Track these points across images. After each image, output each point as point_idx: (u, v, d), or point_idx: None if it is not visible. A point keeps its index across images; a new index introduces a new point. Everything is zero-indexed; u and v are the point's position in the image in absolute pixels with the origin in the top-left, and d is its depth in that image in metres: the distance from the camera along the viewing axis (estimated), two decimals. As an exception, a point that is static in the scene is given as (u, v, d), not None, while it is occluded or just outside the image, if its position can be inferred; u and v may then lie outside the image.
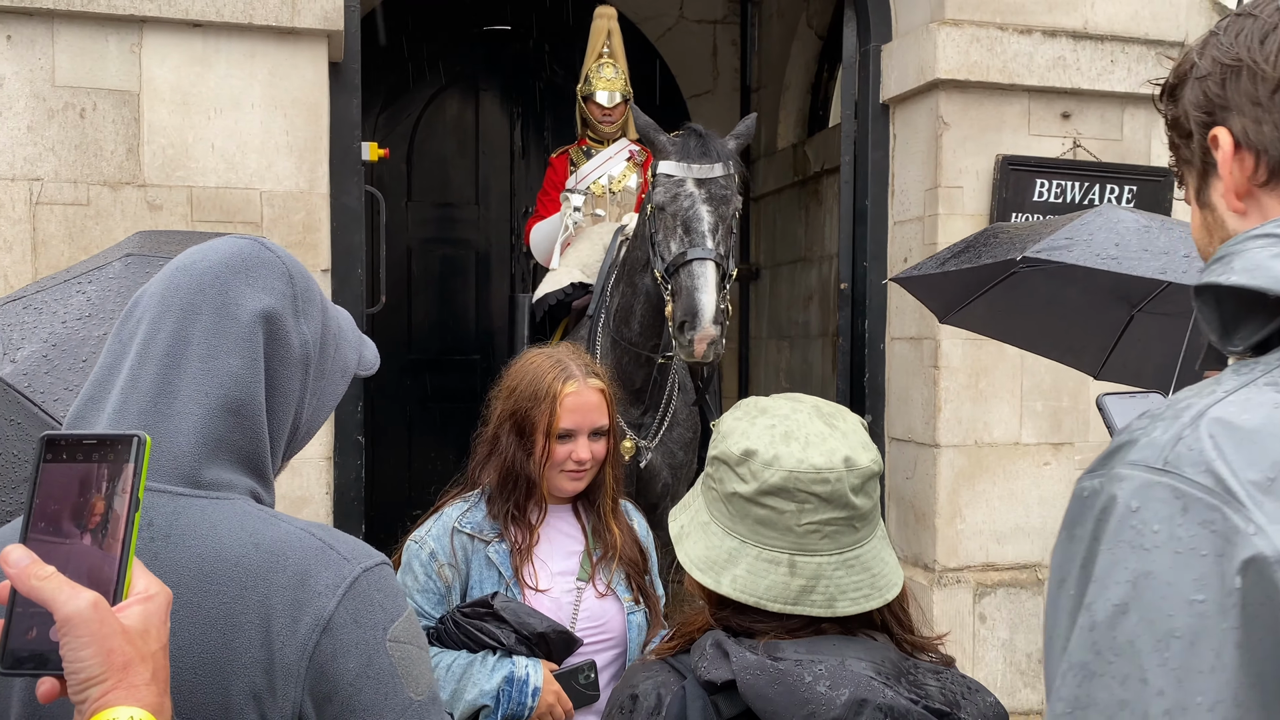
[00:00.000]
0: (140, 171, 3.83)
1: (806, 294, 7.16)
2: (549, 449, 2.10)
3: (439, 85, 7.62)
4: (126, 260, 1.94)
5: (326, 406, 1.22)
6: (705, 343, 3.27)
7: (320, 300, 1.21)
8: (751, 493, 1.23)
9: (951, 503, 4.56)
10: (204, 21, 3.81)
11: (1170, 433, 0.78)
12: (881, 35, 4.91)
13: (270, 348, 1.11)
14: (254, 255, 1.15)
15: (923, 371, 4.64)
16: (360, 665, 1.04)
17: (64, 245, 3.74)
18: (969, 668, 4.50)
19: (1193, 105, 0.97)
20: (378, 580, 1.08)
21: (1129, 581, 0.74)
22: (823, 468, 1.22)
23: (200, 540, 1.03)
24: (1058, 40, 4.59)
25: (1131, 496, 0.76)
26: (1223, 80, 0.94)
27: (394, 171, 7.42)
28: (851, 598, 1.22)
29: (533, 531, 2.14)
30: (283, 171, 3.94)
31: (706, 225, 3.43)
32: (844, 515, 1.23)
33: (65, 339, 1.73)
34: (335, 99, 4.14)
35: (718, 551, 1.26)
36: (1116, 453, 0.81)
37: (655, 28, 7.90)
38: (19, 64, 3.73)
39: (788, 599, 1.21)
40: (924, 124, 4.65)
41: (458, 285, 7.71)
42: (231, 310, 1.10)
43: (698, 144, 3.55)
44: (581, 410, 2.12)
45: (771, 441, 1.24)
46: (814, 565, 1.22)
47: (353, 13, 4.12)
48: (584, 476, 2.16)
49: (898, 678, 1.19)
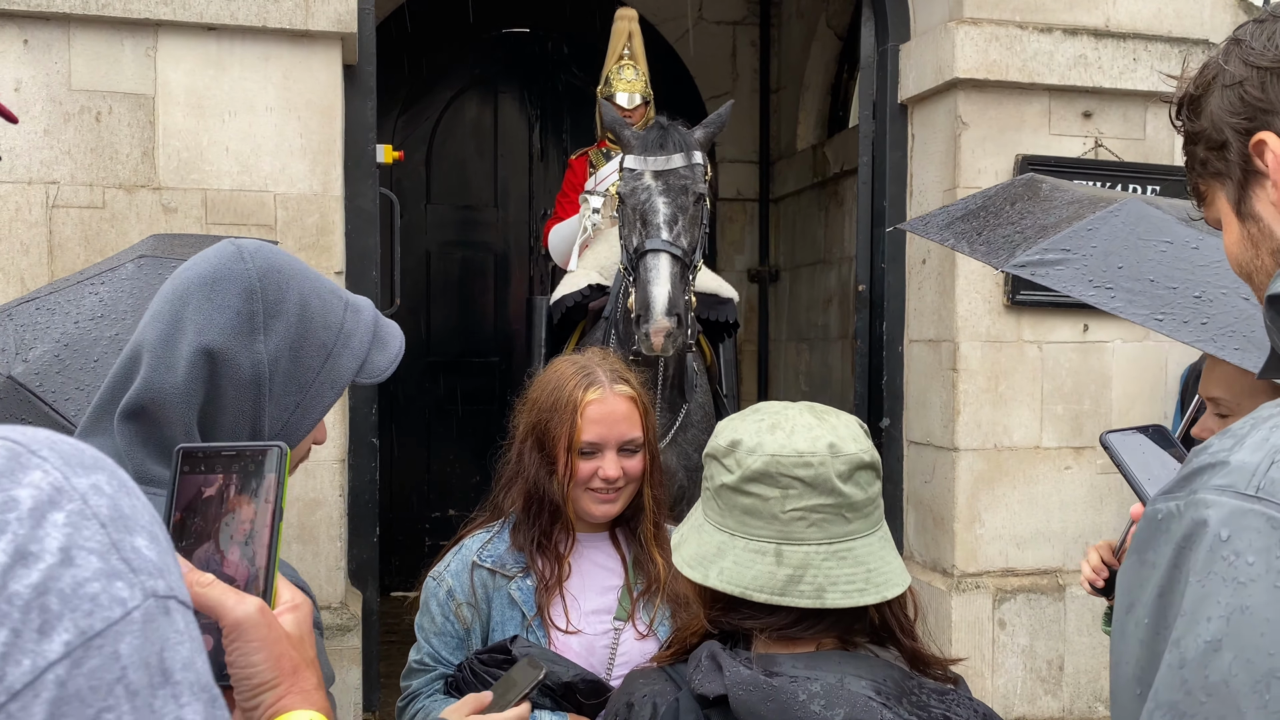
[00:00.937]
0: (155, 174, 3.85)
1: (826, 296, 7.11)
2: (572, 465, 1.84)
3: (458, 88, 7.63)
4: (139, 262, 1.95)
5: (309, 415, 1.21)
6: (660, 335, 3.21)
7: (297, 312, 1.19)
8: (736, 481, 1.22)
9: (970, 507, 4.50)
10: (218, 25, 3.83)
11: (1261, 455, 0.72)
12: (900, 35, 4.86)
13: (213, 375, 1.14)
14: (221, 273, 1.17)
15: (941, 374, 4.59)
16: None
17: (80, 248, 3.76)
18: (988, 675, 4.44)
19: (1227, 112, 0.93)
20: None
21: (1223, 617, 0.69)
22: (805, 452, 1.21)
23: None
24: (1079, 38, 4.53)
25: (1221, 525, 0.71)
26: (1262, 84, 0.91)
27: (413, 174, 7.44)
28: (843, 590, 1.19)
29: (561, 563, 1.88)
30: (296, 174, 3.94)
31: (662, 217, 3.39)
32: (830, 502, 1.20)
33: (77, 339, 1.75)
34: (350, 101, 4.14)
35: (707, 547, 1.25)
36: (1199, 475, 0.75)
37: (674, 29, 7.88)
38: (35, 68, 3.76)
39: (774, 589, 1.18)
40: (943, 124, 4.60)
41: (477, 287, 7.71)
42: (175, 338, 1.15)
43: (657, 136, 3.53)
44: (607, 421, 1.85)
45: (758, 431, 1.24)
46: (801, 554, 1.20)
47: (367, 15, 4.12)
48: (616, 498, 1.89)
49: (899, 698, 1.15)
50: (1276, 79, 0.90)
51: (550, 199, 6.12)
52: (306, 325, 1.20)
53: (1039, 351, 4.56)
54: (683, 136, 3.55)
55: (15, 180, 3.74)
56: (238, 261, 1.18)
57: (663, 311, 3.22)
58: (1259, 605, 0.68)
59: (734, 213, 8.11)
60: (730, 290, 4.65)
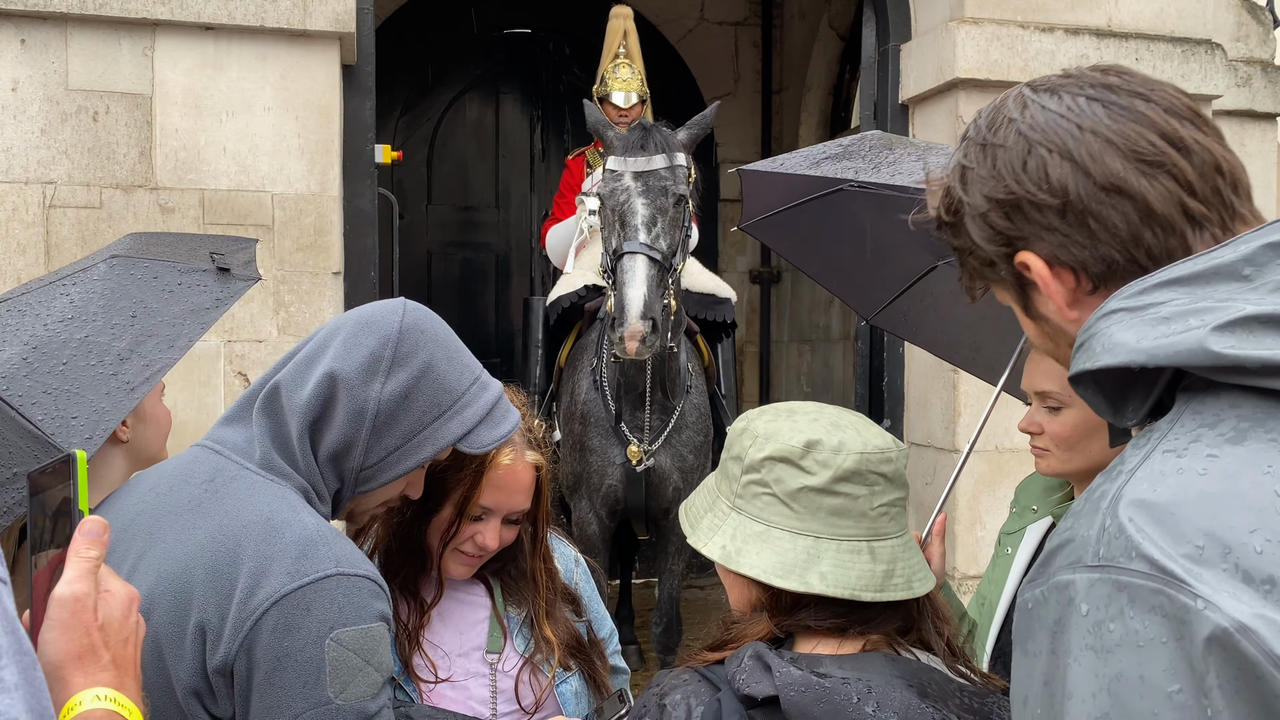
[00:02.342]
0: (152, 174, 3.84)
1: (828, 297, 7.09)
2: (458, 526, 1.68)
3: (459, 88, 7.63)
4: (111, 262, 1.92)
5: (404, 461, 1.35)
6: (635, 340, 3.19)
7: (420, 369, 1.35)
8: (825, 482, 1.21)
9: (972, 509, 4.48)
10: (216, 24, 3.81)
11: (1095, 526, 0.76)
12: (901, 35, 4.84)
13: (329, 397, 1.33)
14: (375, 318, 1.37)
15: (942, 376, 4.56)
16: (293, 648, 1.16)
17: (77, 248, 3.75)
18: (989, 677, 4.42)
19: (985, 240, 0.97)
20: (348, 587, 1.20)
21: (1104, 690, 0.72)
22: (884, 448, 1.23)
23: (235, 501, 1.26)
24: (1080, 39, 4.51)
25: (1080, 599, 0.74)
26: (1006, 215, 0.94)
27: (414, 175, 7.43)
28: (920, 578, 1.23)
29: (425, 613, 1.72)
30: (294, 174, 3.93)
31: (640, 219, 3.37)
32: (903, 495, 1.25)
33: (46, 341, 1.72)
34: (348, 101, 4.13)
35: (791, 554, 1.21)
36: (1052, 558, 0.79)
37: (676, 30, 7.87)
38: (33, 68, 3.75)
39: (875, 585, 1.20)
40: (943, 124, 4.58)
41: (478, 288, 7.70)
42: (318, 359, 1.35)
43: (638, 138, 3.50)
44: (508, 489, 1.68)
45: (829, 430, 1.24)
46: (889, 549, 1.22)
47: (365, 15, 4.10)
48: (478, 563, 1.74)
49: (944, 699, 1.14)
50: (1017, 210, 0.93)
51: (551, 199, 6.11)
52: (426, 383, 1.35)
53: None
54: (664, 138, 3.51)
55: (12, 180, 3.73)
56: (393, 314, 1.37)
57: (637, 315, 3.19)
58: (1129, 668, 0.70)
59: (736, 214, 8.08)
60: (728, 290, 4.64)
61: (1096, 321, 0.86)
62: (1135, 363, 0.80)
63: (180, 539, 1.24)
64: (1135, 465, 0.78)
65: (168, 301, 1.83)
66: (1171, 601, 0.69)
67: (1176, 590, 0.69)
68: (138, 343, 1.73)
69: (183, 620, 1.18)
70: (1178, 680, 0.68)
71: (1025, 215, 0.93)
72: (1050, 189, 0.92)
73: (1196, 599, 0.69)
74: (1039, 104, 0.96)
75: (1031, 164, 0.93)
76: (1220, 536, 0.70)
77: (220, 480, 1.29)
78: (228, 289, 1.88)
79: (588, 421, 3.94)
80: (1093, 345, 0.85)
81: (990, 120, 0.99)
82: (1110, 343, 0.83)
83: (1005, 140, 0.95)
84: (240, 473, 1.30)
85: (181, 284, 1.86)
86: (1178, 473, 0.75)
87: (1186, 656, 0.68)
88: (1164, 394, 0.83)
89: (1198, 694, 0.68)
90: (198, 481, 1.31)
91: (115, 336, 1.73)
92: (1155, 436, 0.80)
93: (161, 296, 1.83)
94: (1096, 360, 0.84)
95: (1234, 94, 4.90)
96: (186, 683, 1.18)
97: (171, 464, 1.37)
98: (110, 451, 1.88)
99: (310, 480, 1.32)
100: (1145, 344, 0.80)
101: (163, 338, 1.75)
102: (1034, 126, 0.94)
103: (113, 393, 1.67)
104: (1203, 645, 0.68)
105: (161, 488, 1.33)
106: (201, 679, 1.18)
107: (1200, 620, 0.68)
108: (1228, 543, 0.70)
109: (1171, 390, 0.83)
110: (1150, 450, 0.79)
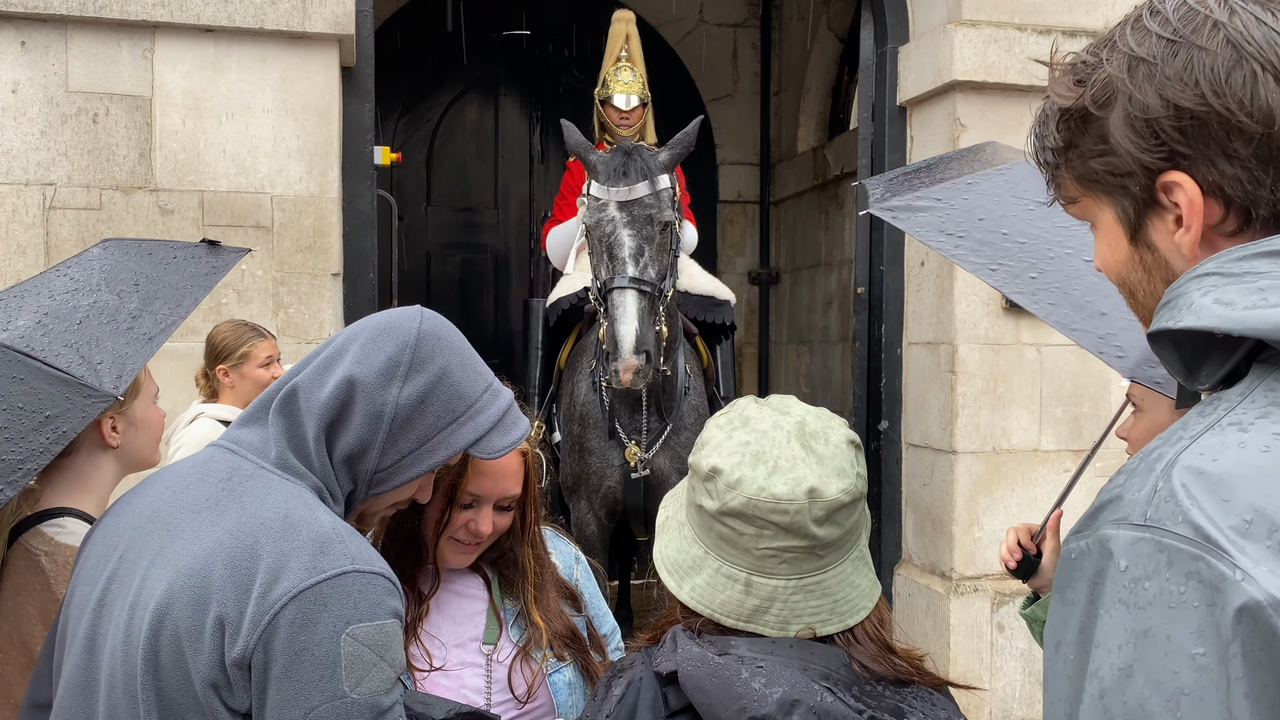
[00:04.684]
0: (152, 176, 3.85)
1: (826, 298, 7.10)
2: (450, 515, 1.74)
3: (459, 90, 7.64)
4: (105, 245, 2.00)
5: (418, 464, 1.38)
6: (629, 373, 3.24)
7: (436, 375, 1.38)
8: (714, 511, 1.22)
9: (969, 510, 4.49)
10: (215, 27, 3.83)
11: (1146, 487, 0.77)
12: (899, 37, 4.85)
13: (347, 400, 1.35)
14: (394, 325, 1.40)
15: (940, 377, 4.57)
16: (310, 642, 1.19)
17: (76, 249, 3.75)
18: (986, 678, 4.42)
19: (1137, 148, 0.87)
20: (364, 583, 1.23)
21: (1130, 643, 0.74)
22: (782, 498, 1.18)
23: (253, 500, 1.29)
24: (1078, 40, 4.52)
25: (1120, 555, 0.76)
26: (1183, 130, 0.84)
27: (413, 176, 7.44)
28: (806, 622, 1.21)
29: (422, 603, 1.78)
30: (293, 176, 3.94)
31: (627, 251, 3.38)
32: (804, 544, 1.20)
33: (55, 309, 1.80)
34: (348, 103, 4.14)
35: (685, 556, 1.26)
36: (1100, 512, 0.80)
37: (675, 31, 7.88)
38: (33, 70, 3.76)
39: (741, 615, 1.21)
40: (941, 126, 4.59)
41: (477, 289, 7.71)
42: (339, 359, 1.38)
43: (620, 164, 3.47)
44: (495, 475, 1.74)
45: (739, 463, 1.21)
46: (770, 587, 1.21)
47: (365, 17, 4.12)
48: (475, 550, 1.79)
49: (848, 685, 1.17)
50: (1199, 125, 0.83)
51: (551, 201, 6.12)
52: (441, 389, 1.38)
53: (1038, 354, 4.54)
54: (645, 162, 3.48)
55: (12, 181, 3.75)
56: (411, 320, 1.41)
57: (630, 351, 3.23)
58: (1158, 626, 0.72)
59: (735, 215, 8.11)
60: (727, 292, 4.64)
61: (1186, 282, 0.84)
62: (1221, 329, 0.80)
63: (199, 535, 1.27)
64: (1198, 433, 0.78)
65: (167, 271, 1.93)
66: (1210, 569, 0.71)
67: (1217, 559, 0.71)
68: (146, 303, 1.84)
69: (202, 614, 1.21)
70: (1203, 644, 0.70)
71: (1209, 133, 0.83)
72: (1254, 113, 0.82)
73: (1235, 570, 0.70)
74: (1251, 14, 0.84)
75: (1237, 78, 0.82)
76: (1270, 514, 0.71)
77: (237, 479, 1.32)
78: (222, 258, 2.03)
79: (586, 423, 3.95)
80: (1178, 304, 0.84)
81: (1184, 15, 0.85)
82: (1198, 305, 0.82)
83: (1209, 43, 0.83)
84: (256, 471, 1.32)
85: (177, 257, 2.00)
86: (1239, 446, 0.76)
87: (1215, 623, 0.70)
88: (1240, 362, 0.82)
89: (1221, 660, 0.70)
90: (215, 480, 1.33)
91: (123, 300, 1.82)
92: (1223, 407, 0.80)
93: (160, 267, 1.94)
94: (1180, 320, 0.83)
95: (1231, 96, 4.91)
96: (205, 675, 1.20)
97: (188, 463, 1.40)
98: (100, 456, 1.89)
99: (324, 481, 1.35)
100: (1235, 312, 0.79)
101: (169, 299, 1.86)
102: (1247, 38, 0.83)
103: (132, 342, 1.73)
104: (1234, 614, 0.70)
105: (179, 486, 1.36)
106: (220, 672, 1.20)
107: (1235, 590, 0.70)
108: (1276, 521, 0.71)
109: (1249, 359, 0.82)
110: (1215, 420, 0.79)
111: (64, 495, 1.86)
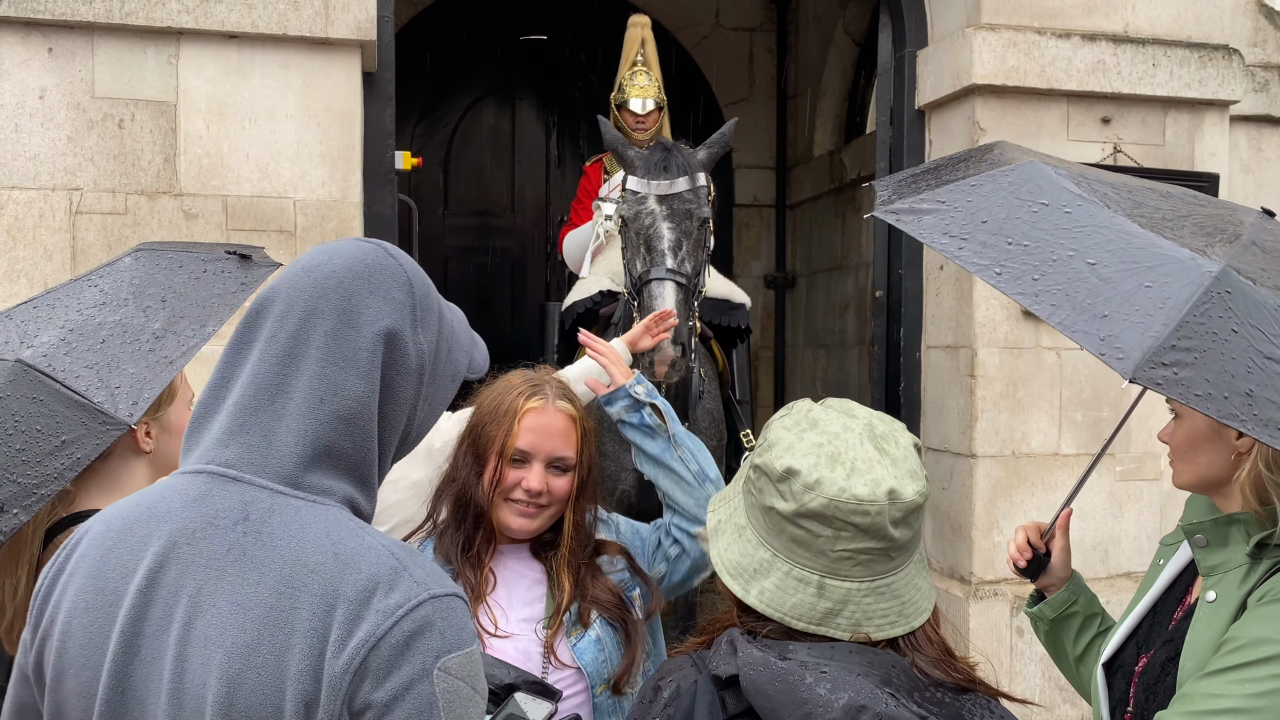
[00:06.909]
0: (177, 181, 3.88)
1: (843, 302, 7.10)
2: (500, 470, 1.82)
3: (476, 95, 7.67)
4: (137, 255, 1.99)
5: (436, 411, 1.24)
6: (664, 365, 3.24)
7: (438, 306, 1.23)
8: (790, 512, 1.20)
9: (988, 514, 4.48)
10: (239, 33, 3.86)
11: None
12: (917, 41, 4.85)
13: (389, 362, 1.14)
14: (377, 262, 1.17)
15: (959, 380, 4.57)
16: (401, 687, 1.04)
17: (102, 254, 3.79)
18: (1006, 683, 4.42)
19: None
20: (444, 609, 1.08)
21: None
22: (864, 499, 1.18)
23: (287, 541, 1.07)
24: (1097, 44, 4.52)
25: None
26: None
27: (431, 180, 7.47)
28: (877, 624, 1.20)
29: (483, 570, 1.86)
30: (316, 180, 3.97)
31: (667, 244, 3.39)
32: (880, 546, 1.20)
33: (81, 325, 1.79)
34: (369, 108, 4.17)
35: (750, 560, 1.24)
36: None
37: (691, 35, 7.90)
38: (59, 76, 3.80)
39: (813, 619, 1.20)
40: (960, 130, 4.59)
41: (494, 293, 7.74)
42: (354, 320, 1.13)
43: (660, 159, 3.50)
44: (541, 431, 1.83)
45: (816, 463, 1.20)
46: (843, 590, 1.20)
47: (386, 23, 4.15)
48: (536, 515, 1.86)
49: (909, 691, 1.16)
50: None
51: (567, 205, 6.14)
52: (441, 320, 1.23)
53: (1057, 358, 4.54)
54: (686, 159, 3.51)
55: (39, 186, 3.78)
56: (386, 256, 1.19)
57: (668, 342, 3.24)
58: None
59: (751, 219, 8.11)
60: (743, 296, 4.65)
61: None
62: None
63: (237, 601, 1.05)
64: None
65: (195, 286, 1.91)
66: None
67: None
68: (171, 323, 1.81)
69: (278, 698, 1.03)
70: None
71: None
72: None
73: None
74: None
75: None
76: None
77: (256, 516, 1.08)
78: (251, 274, 1.97)
79: (601, 426, 3.96)
80: None
81: None
82: None
83: None
84: (275, 501, 1.09)
85: (207, 271, 1.95)
86: None
87: None
88: None
89: None
90: (227, 522, 1.08)
91: (149, 318, 1.81)
92: None
93: (189, 282, 1.91)
94: None
95: (1251, 99, 4.90)
96: None
97: (177, 502, 1.12)
98: (134, 461, 1.91)
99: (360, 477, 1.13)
100: None
101: (194, 318, 1.83)
102: None
103: (152, 365, 1.73)
104: None
105: (182, 537, 1.09)
106: None
107: None
108: None
109: None
110: None
111: (98, 498, 1.88)
